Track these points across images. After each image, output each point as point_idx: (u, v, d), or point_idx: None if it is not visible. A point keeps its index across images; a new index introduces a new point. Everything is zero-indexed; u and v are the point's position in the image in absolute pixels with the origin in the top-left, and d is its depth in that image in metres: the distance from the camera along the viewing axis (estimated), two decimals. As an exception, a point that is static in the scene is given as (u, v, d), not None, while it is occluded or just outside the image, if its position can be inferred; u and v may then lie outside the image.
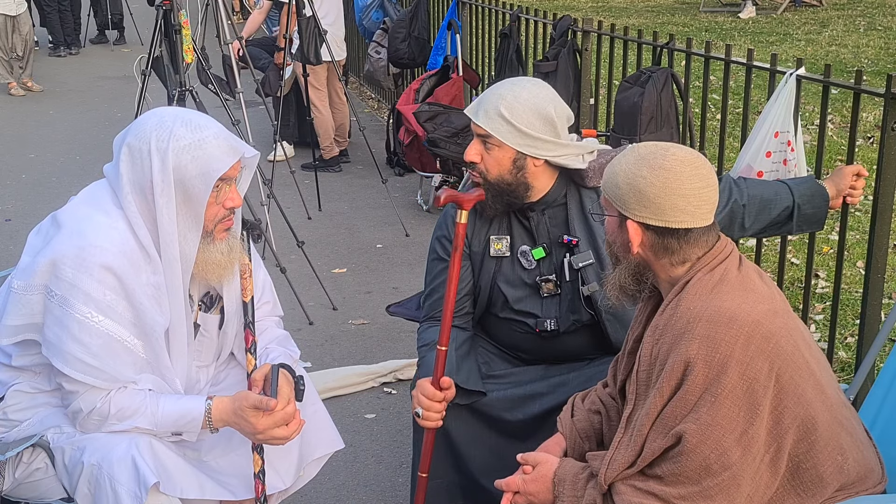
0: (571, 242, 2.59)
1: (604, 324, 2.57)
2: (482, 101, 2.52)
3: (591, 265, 2.57)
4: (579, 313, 2.59)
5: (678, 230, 1.95)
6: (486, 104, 2.49)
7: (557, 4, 14.52)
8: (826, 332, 3.77)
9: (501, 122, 2.47)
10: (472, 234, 2.67)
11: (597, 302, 2.56)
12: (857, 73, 3.05)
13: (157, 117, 2.19)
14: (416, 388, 2.50)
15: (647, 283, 2.06)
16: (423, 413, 2.47)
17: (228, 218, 2.27)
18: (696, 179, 1.94)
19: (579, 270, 2.58)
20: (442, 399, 2.47)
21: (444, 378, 2.47)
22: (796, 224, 2.75)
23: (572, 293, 2.60)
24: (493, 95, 2.50)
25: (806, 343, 1.95)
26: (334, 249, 5.61)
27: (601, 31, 4.62)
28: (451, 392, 2.49)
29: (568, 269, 2.59)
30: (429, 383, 2.48)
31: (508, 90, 2.50)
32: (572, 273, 2.59)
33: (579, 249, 2.59)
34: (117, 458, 2.14)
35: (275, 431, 2.21)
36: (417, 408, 2.48)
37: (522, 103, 2.47)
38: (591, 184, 2.58)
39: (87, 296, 2.10)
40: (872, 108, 7.28)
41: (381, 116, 8.61)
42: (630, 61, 4.35)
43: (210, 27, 6.53)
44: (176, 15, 4.36)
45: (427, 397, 2.46)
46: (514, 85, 2.52)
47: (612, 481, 1.97)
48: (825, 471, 1.92)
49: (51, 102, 9.90)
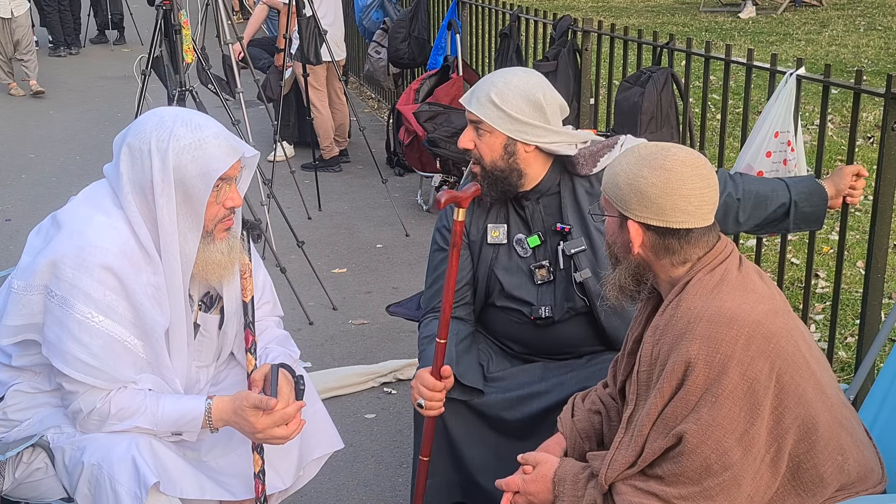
0: (564, 230, 2.62)
1: (597, 311, 2.59)
2: (475, 90, 2.57)
3: (584, 252, 2.60)
4: (573, 300, 2.61)
5: (679, 230, 1.95)
6: (479, 91, 2.55)
7: (557, 4, 14.52)
8: (826, 332, 3.77)
9: (492, 108, 2.52)
10: (471, 222, 2.70)
11: (590, 288, 2.58)
12: (857, 73, 3.05)
13: (158, 117, 2.19)
14: (416, 379, 2.52)
15: (647, 283, 2.06)
16: (426, 404, 2.50)
17: (228, 218, 2.27)
18: (697, 180, 1.94)
19: (572, 257, 2.61)
20: (442, 388, 2.50)
21: (444, 367, 2.49)
22: (793, 222, 2.75)
23: (566, 281, 2.63)
24: (486, 83, 2.56)
25: (806, 343, 1.95)
26: (334, 249, 5.61)
27: (601, 31, 4.62)
28: (450, 381, 2.52)
29: (561, 256, 2.62)
30: (428, 373, 2.50)
31: (500, 77, 2.56)
32: (565, 260, 2.62)
33: (572, 237, 2.62)
34: (117, 458, 2.14)
35: (274, 431, 2.21)
36: (419, 398, 2.50)
37: (512, 89, 2.52)
38: (582, 172, 2.62)
39: (87, 296, 2.10)
40: (872, 108, 7.28)
41: (381, 116, 8.61)
42: (630, 61, 4.36)
43: (210, 27, 6.53)
44: (176, 15, 4.36)
45: (428, 388, 2.49)
46: (506, 73, 2.58)
47: (612, 481, 1.97)
48: (825, 471, 1.92)
49: (51, 102, 9.90)
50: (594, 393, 2.30)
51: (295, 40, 6.43)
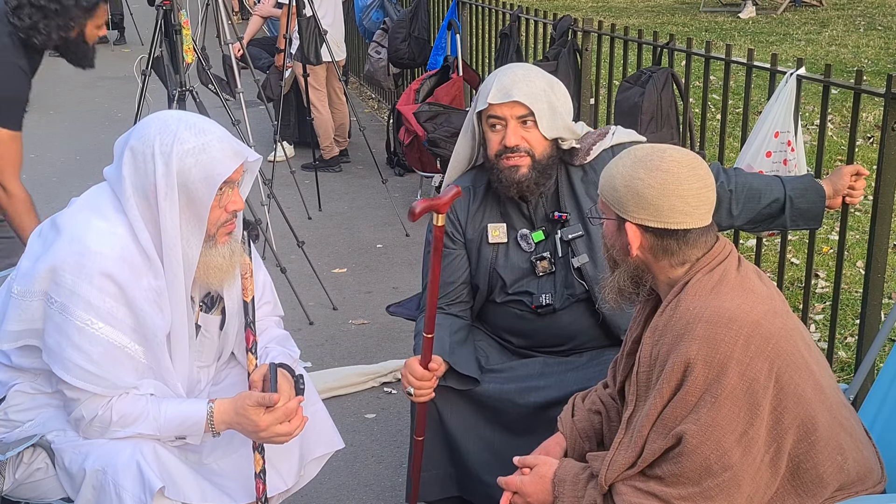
0: (562, 218, 2.65)
1: (595, 297, 2.60)
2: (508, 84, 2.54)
3: (581, 237, 2.63)
4: (573, 287, 2.63)
5: (677, 231, 1.95)
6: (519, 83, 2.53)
7: (557, 4, 14.52)
8: (826, 332, 3.77)
9: (543, 99, 2.55)
10: (466, 221, 2.71)
11: (587, 273, 2.60)
12: (857, 73, 3.05)
13: (161, 121, 2.18)
14: (406, 367, 2.55)
15: (646, 285, 2.06)
16: (415, 392, 2.53)
17: (230, 222, 2.27)
18: (694, 180, 1.94)
19: (570, 243, 2.64)
20: (431, 378, 2.53)
21: (432, 359, 2.52)
22: (790, 218, 2.74)
23: (565, 268, 2.65)
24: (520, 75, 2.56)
25: (805, 343, 1.95)
26: (334, 249, 5.62)
27: (601, 31, 4.62)
28: (440, 369, 2.54)
29: (559, 243, 2.65)
30: (417, 363, 2.52)
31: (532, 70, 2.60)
32: (563, 246, 2.65)
33: (569, 223, 2.65)
34: (122, 464, 2.14)
35: (277, 428, 2.21)
36: (408, 387, 2.54)
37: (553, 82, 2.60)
38: (577, 162, 2.66)
39: (87, 303, 2.09)
40: (872, 108, 7.28)
41: (381, 116, 8.61)
42: (630, 61, 4.36)
43: (210, 27, 6.52)
44: (176, 15, 4.36)
45: (416, 377, 2.52)
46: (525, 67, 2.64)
47: (612, 482, 1.97)
48: (825, 471, 1.92)
49: (51, 102, 9.90)
50: (594, 393, 2.30)
51: (295, 40, 6.43)
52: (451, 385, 2.60)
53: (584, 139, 2.68)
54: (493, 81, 2.58)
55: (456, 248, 2.73)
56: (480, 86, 2.68)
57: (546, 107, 2.55)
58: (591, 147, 2.65)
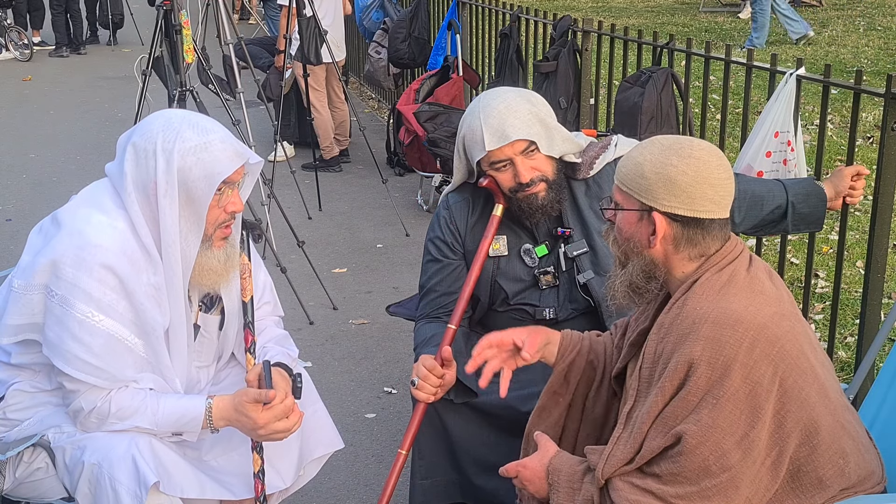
0: (565, 234, 2.64)
1: (602, 311, 2.59)
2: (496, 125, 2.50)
3: (586, 254, 2.62)
4: (577, 301, 2.64)
5: (703, 220, 1.94)
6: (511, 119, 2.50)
7: (557, 4, 14.52)
8: (826, 332, 3.77)
9: (539, 126, 2.53)
10: (466, 233, 2.70)
11: (594, 289, 2.59)
12: (857, 73, 3.05)
13: (165, 119, 2.19)
14: (419, 361, 2.51)
15: (658, 280, 2.02)
16: (419, 383, 2.47)
17: (228, 224, 2.27)
18: (722, 170, 1.95)
19: (574, 259, 2.63)
20: (441, 375, 2.47)
21: (445, 349, 2.48)
22: (792, 223, 2.75)
23: (570, 283, 2.64)
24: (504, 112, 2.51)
25: (811, 346, 1.93)
26: (334, 249, 5.62)
27: (601, 32, 4.62)
28: (450, 374, 2.49)
29: (563, 260, 2.64)
30: (431, 357, 2.50)
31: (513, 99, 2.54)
32: (567, 262, 2.64)
33: (573, 239, 2.64)
34: (117, 458, 2.14)
35: (276, 425, 2.21)
36: (414, 377, 2.49)
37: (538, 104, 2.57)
38: (580, 176, 2.65)
39: (87, 295, 2.10)
40: (872, 108, 7.28)
41: (381, 116, 8.61)
42: (630, 61, 4.36)
43: (210, 27, 6.53)
44: (176, 15, 4.36)
45: (426, 368, 2.47)
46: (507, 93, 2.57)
47: (609, 476, 1.97)
48: (826, 474, 1.92)
49: (51, 102, 9.91)
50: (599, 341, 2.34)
51: (295, 41, 6.43)
52: (451, 398, 2.57)
53: (586, 152, 2.66)
54: (479, 127, 2.51)
55: (455, 259, 2.73)
56: (462, 136, 2.59)
57: (540, 128, 2.53)
58: (594, 161, 2.64)
